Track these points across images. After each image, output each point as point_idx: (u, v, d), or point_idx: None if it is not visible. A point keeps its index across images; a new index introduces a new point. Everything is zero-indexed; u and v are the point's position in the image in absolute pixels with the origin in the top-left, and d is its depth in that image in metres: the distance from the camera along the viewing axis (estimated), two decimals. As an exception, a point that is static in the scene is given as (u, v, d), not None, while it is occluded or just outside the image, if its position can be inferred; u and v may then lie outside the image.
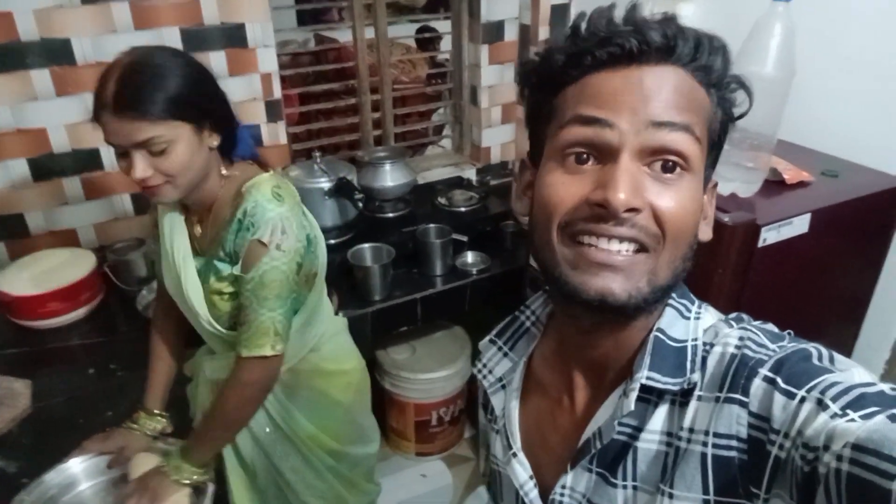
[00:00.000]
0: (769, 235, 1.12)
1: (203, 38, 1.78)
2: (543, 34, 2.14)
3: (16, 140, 1.69)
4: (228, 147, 1.13)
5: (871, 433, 0.40)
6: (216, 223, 1.15)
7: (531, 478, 0.67)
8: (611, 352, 0.62)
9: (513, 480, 0.67)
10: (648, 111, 0.53)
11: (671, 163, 0.53)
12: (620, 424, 0.59)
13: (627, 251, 0.54)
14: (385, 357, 2.11)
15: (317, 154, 1.87)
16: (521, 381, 0.71)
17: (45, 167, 1.75)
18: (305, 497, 1.35)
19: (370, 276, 1.73)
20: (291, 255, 1.10)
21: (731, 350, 0.55)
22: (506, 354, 0.74)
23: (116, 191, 1.86)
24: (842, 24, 1.39)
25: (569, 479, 0.63)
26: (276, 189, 1.11)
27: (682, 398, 0.57)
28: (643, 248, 0.54)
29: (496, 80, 2.31)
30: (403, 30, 3.50)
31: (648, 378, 0.56)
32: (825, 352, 0.53)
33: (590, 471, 0.61)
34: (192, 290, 1.16)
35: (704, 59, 0.55)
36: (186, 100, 1.00)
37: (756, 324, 0.59)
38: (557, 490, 0.63)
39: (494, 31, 2.23)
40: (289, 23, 3.58)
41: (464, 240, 1.90)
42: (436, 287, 1.83)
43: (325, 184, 1.81)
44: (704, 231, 0.61)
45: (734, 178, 1.20)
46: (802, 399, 0.47)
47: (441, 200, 2.12)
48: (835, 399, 0.46)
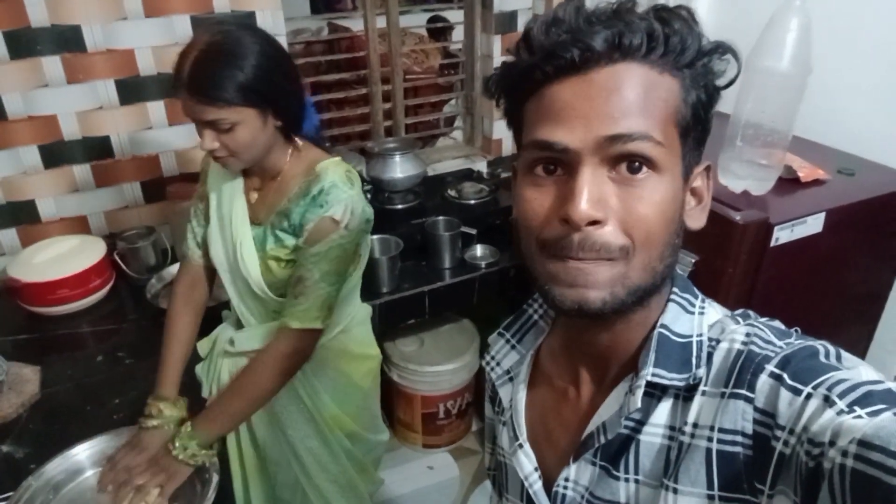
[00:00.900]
0: (782, 234, 1.10)
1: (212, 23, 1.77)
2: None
3: (27, 127, 1.70)
4: (294, 126, 1.19)
5: (878, 430, 0.40)
6: (280, 194, 1.20)
7: (536, 469, 0.67)
8: (612, 346, 0.62)
9: (518, 471, 0.68)
10: (601, 126, 0.52)
11: (637, 162, 0.53)
12: (626, 419, 0.59)
13: (598, 258, 0.54)
14: (393, 349, 2.11)
15: (326, 144, 1.86)
16: (528, 374, 0.72)
17: (56, 154, 1.76)
18: (319, 480, 1.37)
19: (378, 268, 1.72)
20: (354, 236, 1.18)
21: (738, 346, 0.55)
22: (513, 347, 0.75)
23: (127, 179, 1.86)
24: (859, 20, 1.36)
25: (572, 472, 0.63)
26: (349, 173, 1.19)
27: (687, 393, 0.57)
28: (612, 259, 0.54)
29: (509, 72, 2.29)
30: (416, 19, 3.47)
31: (654, 375, 0.56)
32: (832, 349, 0.53)
33: (593, 464, 0.62)
34: (248, 254, 1.21)
35: (662, 48, 0.52)
36: (255, 88, 1.05)
37: (763, 320, 0.59)
38: (560, 482, 0.64)
39: (507, 22, 2.21)
40: (302, 11, 3.56)
41: (473, 233, 1.89)
42: (444, 280, 1.82)
43: (335, 174, 1.80)
44: (697, 218, 0.60)
45: (747, 176, 1.17)
46: (809, 395, 0.47)
47: (451, 192, 2.11)
48: (842, 396, 0.45)
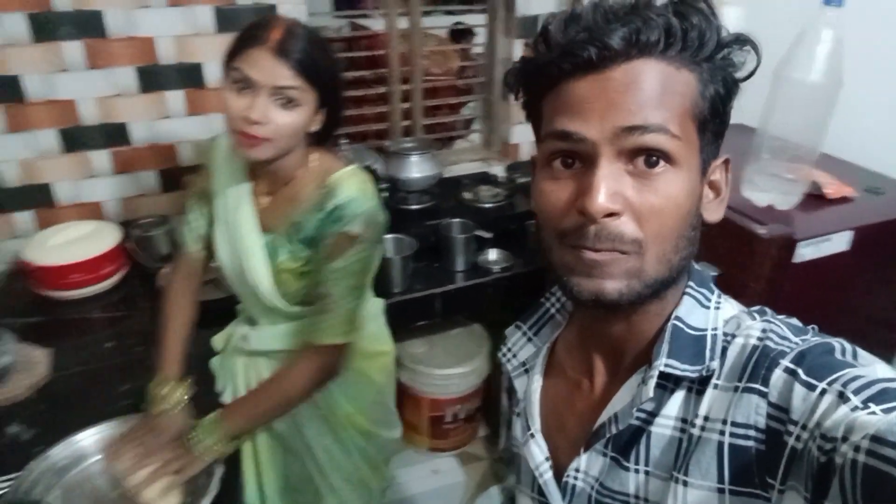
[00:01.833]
0: (806, 251, 1.08)
1: (236, 18, 1.77)
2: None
3: (46, 110, 1.70)
4: (328, 136, 1.20)
5: (892, 426, 0.40)
6: (292, 204, 1.18)
7: (547, 459, 0.68)
8: (626, 337, 0.63)
9: (529, 461, 0.68)
10: (617, 117, 0.53)
11: (654, 157, 0.54)
12: (637, 410, 0.59)
13: (613, 249, 0.55)
14: (402, 350, 2.10)
15: (343, 142, 1.86)
16: (544, 366, 0.73)
17: (75, 139, 1.76)
18: (332, 478, 1.36)
19: (390, 268, 1.71)
20: (374, 248, 1.17)
21: (753, 341, 0.55)
22: (530, 339, 0.76)
23: (144, 167, 1.86)
24: (893, 34, 1.33)
25: (582, 462, 0.63)
26: (364, 183, 1.17)
27: (699, 386, 0.57)
28: (625, 253, 0.55)
29: (529, 76, 2.27)
30: (436, 21, 3.46)
31: (667, 365, 0.57)
32: (848, 347, 0.52)
33: (604, 455, 0.62)
34: (256, 265, 1.18)
35: (679, 44, 0.53)
36: (328, 78, 1.09)
37: (779, 317, 0.59)
38: (571, 472, 0.64)
39: (530, 26, 2.19)
40: (324, 8, 3.57)
41: (487, 236, 1.87)
42: (456, 283, 1.81)
43: (351, 171, 1.79)
44: (715, 211, 0.60)
45: (771, 189, 1.15)
46: (823, 391, 0.47)
47: (466, 195, 2.10)
48: (856, 392, 0.45)
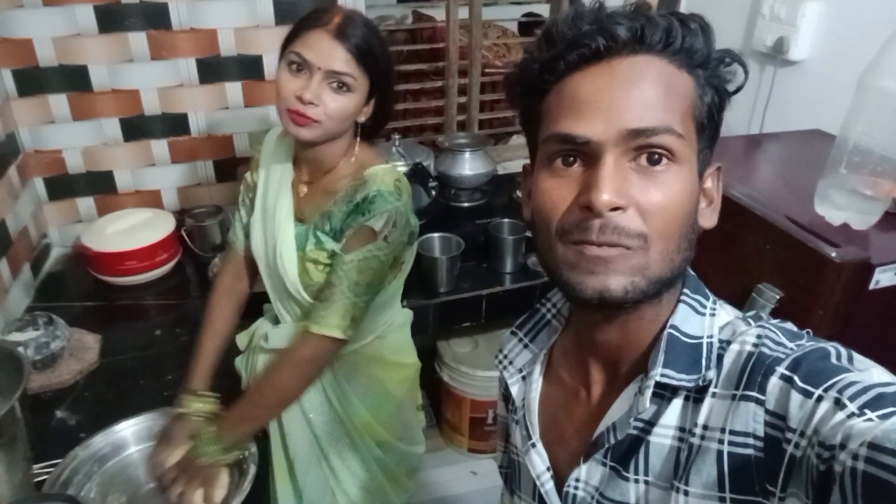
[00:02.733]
0: (883, 277, 0.98)
1: (295, 8, 1.76)
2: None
3: (111, 99, 1.74)
4: (376, 129, 1.20)
5: (889, 433, 0.40)
6: (327, 193, 1.17)
7: (548, 469, 0.67)
8: (622, 345, 0.62)
9: (530, 470, 0.68)
10: (624, 118, 0.53)
11: (657, 155, 0.54)
12: (635, 420, 0.59)
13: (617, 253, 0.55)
14: (446, 348, 2.07)
15: (396, 137, 1.83)
16: (542, 373, 0.72)
17: (136, 128, 1.80)
18: (347, 486, 1.33)
19: (437, 268, 1.68)
20: (393, 248, 1.13)
21: (749, 348, 0.55)
22: (526, 346, 0.75)
23: (201, 157, 1.89)
24: None
25: (582, 472, 0.63)
26: (398, 182, 1.14)
27: (697, 395, 0.57)
28: (630, 249, 0.54)
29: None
30: (502, 12, 3.39)
31: (663, 375, 0.57)
32: (844, 351, 0.52)
33: (603, 464, 0.62)
34: (287, 253, 1.18)
35: (679, 43, 0.55)
36: (383, 69, 1.10)
37: (774, 322, 0.58)
38: (571, 482, 0.64)
39: (595, 20, 2.10)
40: (388, -2, 3.55)
41: (538, 238, 1.81)
42: (504, 285, 1.76)
43: (401, 167, 1.77)
44: (709, 217, 0.61)
45: (847, 207, 1.05)
46: (820, 398, 0.47)
47: (519, 194, 2.04)
48: (853, 398, 0.45)
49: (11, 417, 0.96)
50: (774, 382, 0.51)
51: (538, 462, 0.68)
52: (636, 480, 0.59)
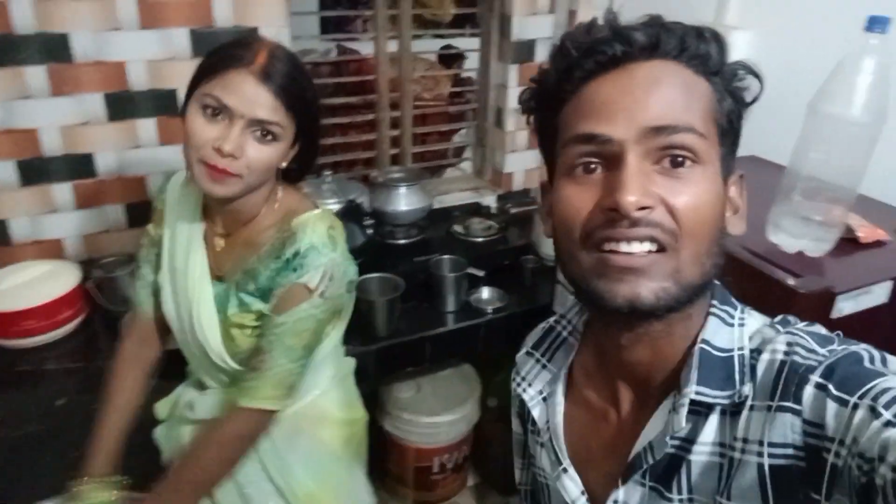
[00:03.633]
0: (845, 305, 0.96)
1: (214, 40, 1.64)
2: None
3: (4, 140, 1.56)
4: (302, 173, 1.10)
5: None
6: (249, 246, 1.04)
7: (583, 493, 0.66)
8: (653, 363, 0.61)
9: (563, 495, 0.67)
10: (645, 116, 0.53)
11: (680, 157, 0.53)
12: (672, 438, 0.58)
13: (648, 251, 0.53)
14: (387, 394, 1.95)
15: (327, 174, 1.73)
16: (564, 394, 0.70)
17: (35, 171, 1.62)
18: None
19: (375, 311, 1.57)
20: (331, 303, 1.02)
21: (780, 356, 0.54)
22: (544, 367, 0.73)
23: (110, 201, 1.72)
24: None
25: (621, 494, 0.62)
26: (331, 231, 1.03)
27: (734, 408, 0.56)
28: (662, 248, 0.53)
29: (524, 103, 2.17)
30: (425, 45, 3.37)
31: (697, 393, 0.56)
32: (877, 353, 0.52)
33: (643, 485, 0.61)
34: (207, 319, 1.04)
35: (694, 49, 0.55)
36: (309, 110, 0.99)
37: (802, 326, 0.58)
38: None
39: (525, 51, 2.09)
40: (311, 30, 3.46)
41: (480, 275, 1.75)
42: (447, 325, 1.67)
43: (334, 206, 1.66)
44: (737, 225, 0.60)
45: (802, 235, 1.04)
46: (855, 406, 0.47)
47: (457, 228, 1.97)
48: (887, 406, 0.45)
49: None
50: (809, 392, 0.50)
51: (572, 487, 0.67)
52: (680, 500, 0.59)
